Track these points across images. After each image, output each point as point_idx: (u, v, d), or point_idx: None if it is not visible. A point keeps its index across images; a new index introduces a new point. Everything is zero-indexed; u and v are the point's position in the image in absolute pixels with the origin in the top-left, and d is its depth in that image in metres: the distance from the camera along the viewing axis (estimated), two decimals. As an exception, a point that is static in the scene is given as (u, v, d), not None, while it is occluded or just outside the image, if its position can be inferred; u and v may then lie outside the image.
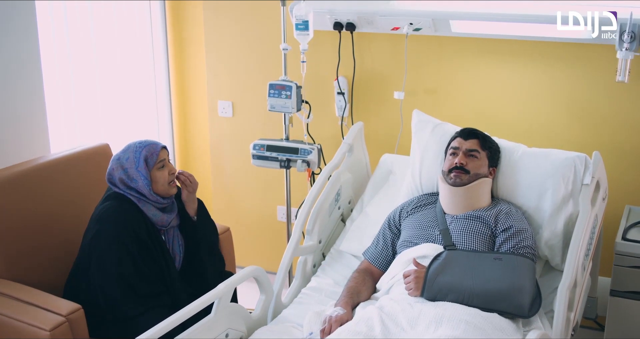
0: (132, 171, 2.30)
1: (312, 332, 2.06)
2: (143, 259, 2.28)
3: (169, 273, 2.35)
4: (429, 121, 2.56)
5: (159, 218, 2.35)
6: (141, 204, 2.32)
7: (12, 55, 2.57)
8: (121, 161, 2.32)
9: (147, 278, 2.29)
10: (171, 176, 2.38)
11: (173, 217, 2.41)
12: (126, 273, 2.24)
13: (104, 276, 2.25)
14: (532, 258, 2.12)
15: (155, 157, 2.33)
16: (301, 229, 2.43)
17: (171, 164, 2.40)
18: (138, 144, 2.33)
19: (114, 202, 2.31)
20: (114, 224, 2.27)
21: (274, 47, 3.17)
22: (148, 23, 3.49)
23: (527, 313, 1.99)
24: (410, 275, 2.05)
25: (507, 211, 2.22)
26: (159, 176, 2.33)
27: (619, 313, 2.55)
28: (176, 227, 2.45)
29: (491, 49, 2.91)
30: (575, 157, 2.31)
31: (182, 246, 2.45)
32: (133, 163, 2.30)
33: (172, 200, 2.43)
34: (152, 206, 2.34)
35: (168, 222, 2.38)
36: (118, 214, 2.28)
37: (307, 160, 2.98)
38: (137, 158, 2.30)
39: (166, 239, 2.42)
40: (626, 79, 2.54)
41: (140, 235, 2.28)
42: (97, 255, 2.27)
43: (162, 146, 2.37)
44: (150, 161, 2.32)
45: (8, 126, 2.58)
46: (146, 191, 2.30)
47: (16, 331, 2.13)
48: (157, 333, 1.82)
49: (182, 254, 2.44)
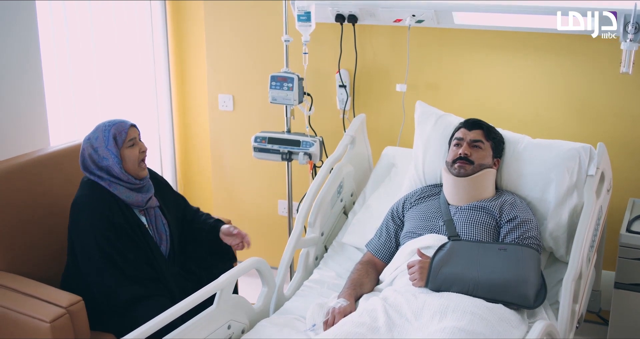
0: (101, 150, 2.30)
1: (315, 324, 2.04)
2: (124, 243, 2.28)
3: (153, 256, 2.34)
4: (432, 112, 2.55)
5: (134, 199, 2.34)
6: (112, 187, 2.31)
7: (12, 51, 2.57)
8: (91, 141, 2.32)
9: (133, 263, 2.28)
10: (141, 154, 2.37)
11: (149, 196, 2.40)
12: (111, 257, 2.24)
13: (90, 264, 2.25)
14: (537, 249, 2.10)
15: (124, 134, 2.32)
16: (303, 222, 2.41)
17: (142, 142, 2.39)
18: (107, 123, 2.34)
19: (84, 191, 2.32)
20: (87, 213, 2.27)
21: (275, 40, 3.16)
22: (148, 16, 3.47)
23: (533, 304, 1.97)
24: (414, 266, 2.03)
25: (512, 202, 2.21)
26: (128, 154, 2.32)
27: (623, 306, 2.54)
28: (157, 208, 2.44)
29: (494, 41, 2.89)
30: (579, 148, 2.29)
31: (167, 225, 2.44)
32: (102, 142, 2.30)
33: (147, 180, 2.43)
34: (124, 188, 2.33)
35: (144, 201, 2.37)
36: (89, 201, 2.29)
37: (309, 152, 2.96)
38: (106, 137, 2.30)
39: (148, 220, 2.41)
40: (630, 71, 2.52)
41: (115, 219, 2.27)
42: (79, 245, 2.28)
43: (131, 124, 2.36)
44: (119, 139, 2.31)
45: (8, 119, 2.58)
46: (117, 169, 2.30)
47: (17, 323, 2.12)
48: (156, 324, 1.80)
49: (168, 233, 2.43)
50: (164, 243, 2.42)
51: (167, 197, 2.53)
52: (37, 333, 2.07)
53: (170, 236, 2.44)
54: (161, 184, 2.55)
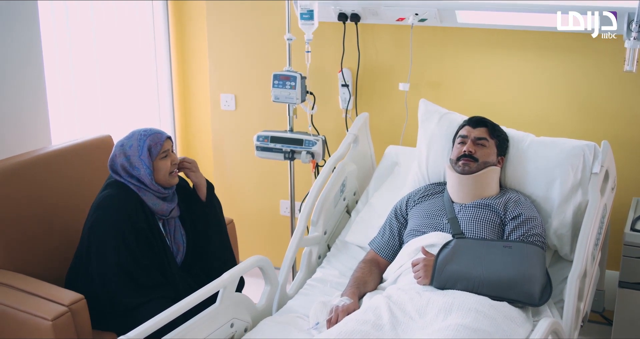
0: (134, 159, 2.27)
1: (319, 322, 2.03)
2: (141, 250, 2.25)
3: (168, 264, 2.32)
4: (436, 110, 2.54)
5: (159, 207, 2.32)
6: (141, 192, 2.29)
7: (14, 51, 2.57)
8: (124, 148, 2.29)
9: (146, 269, 2.26)
10: (173, 166, 2.35)
11: (173, 207, 2.38)
12: (125, 262, 2.21)
13: (102, 264, 2.22)
14: (542, 246, 2.09)
15: (159, 147, 2.30)
16: (306, 220, 2.41)
17: (174, 154, 2.38)
18: (143, 132, 2.30)
19: (113, 191, 2.28)
20: (112, 212, 2.24)
21: (277, 40, 3.15)
22: (150, 15, 3.46)
23: (538, 302, 1.96)
24: (419, 263, 2.02)
25: (516, 199, 2.20)
26: (161, 165, 2.30)
27: (627, 305, 2.52)
28: (177, 218, 2.43)
29: (497, 40, 2.88)
30: (584, 145, 2.28)
31: (184, 236, 2.42)
32: (136, 151, 2.27)
33: (173, 190, 2.41)
34: (152, 195, 2.31)
35: (168, 211, 2.36)
36: (117, 202, 2.26)
37: (311, 151, 2.95)
38: (141, 146, 2.27)
39: (167, 229, 2.39)
40: (634, 69, 2.51)
41: (139, 224, 2.25)
42: (96, 243, 2.24)
43: (167, 136, 2.34)
44: (153, 151, 2.29)
45: (10, 118, 2.58)
46: (147, 180, 2.28)
47: (18, 321, 2.11)
48: (159, 322, 1.79)
49: (185, 244, 2.41)
50: (180, 254, 2.40)
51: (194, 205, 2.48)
52: (39, 331, 2.06)
53: (187, 247, 2.42)
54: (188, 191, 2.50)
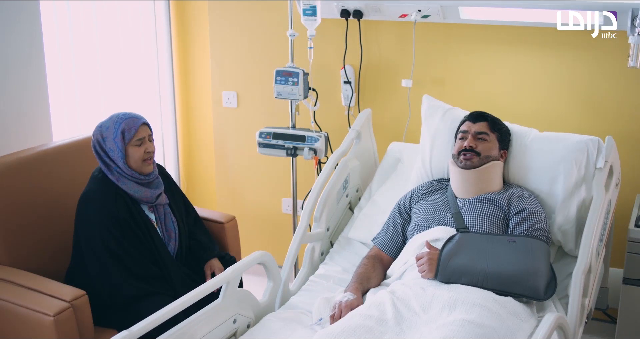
0: (109, 141, 2.28)
1: (322, 318, 2.02)
2: (129, 239, 2.26)
3: (159, 254, 2.31)
4: (439, 106, 2.53)
5: (143, 194, 2.32)
6: (120, 182, 2.29)
7: (16, 49, 2.57)
8: (102, 129, 2.30)
9: (138, 260, 2.26)
10: (146, 154, 2.32)
11: (159, 192, 2.37)
12: (115, 253, 2.22)
13: (94, 259, 2.24)
14: (546, 241, 2.09)
15: (132, 132, 2.28)
16: (309, 216, 2.39)
17: (151, 143, 2.34)
18: (121, 116, 2.30)
19: (93, 186, 2.31)
20: (94, 207, 2.26)
21: (279, 37, 3.14)
22: (152, 12, 3.45)
23: (543, 296, 1.95)
24: (423, 257, 2.01)
25: (520, 194, 2.19)
26: (132, 152, 2.29)
27: (632, 301, 2.52)
28: (167, 205, 2.42)
29: (500, 36, 2.87)
30: (587, 140, 2.27)
31: (176, 223, 2.42)
32: (111, 133, 2.27)
33: (157, 176, 2.40)
34: (131, 182, 2.30)
35: (154, 197, 2.35)
36: (97, 196, 2.27)
37: (314, 148, 2.94)
38: (115, 129, 2.27)
39: (157, 217, 2.38)
40: (638, 65, 2.50)
41: (120, 215, 2.25)
42: (84, 239, 2.26)
43: (143, 122, 2.32)
44: (127, 135, 2.28)
45: (12, 115, 2.58)
46: (120, 163, 2.28)
47: (20, 316, 2.11)
48: (161, 317, 1.77)
49: (177, 231, 2.41)
50: (172, 241, 2.39)
51: (176, 195, 2.50)
52: (41, 327, 2.05)
53: (179, 235, 2.42)
54: (171, 181, 2.52)
